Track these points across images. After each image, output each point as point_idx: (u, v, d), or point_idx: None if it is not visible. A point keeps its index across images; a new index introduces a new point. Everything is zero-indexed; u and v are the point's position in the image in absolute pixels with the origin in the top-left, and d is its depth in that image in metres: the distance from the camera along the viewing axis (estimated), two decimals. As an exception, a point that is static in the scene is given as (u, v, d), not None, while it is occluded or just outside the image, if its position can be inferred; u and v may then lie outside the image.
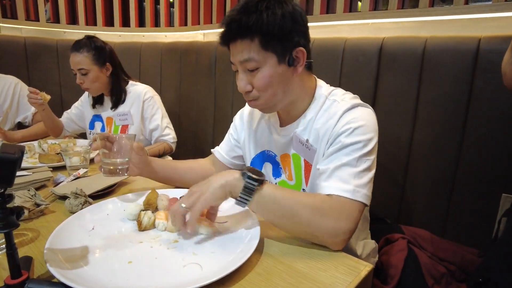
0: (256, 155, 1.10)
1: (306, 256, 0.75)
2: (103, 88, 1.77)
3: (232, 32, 0.87)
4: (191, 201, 0.76)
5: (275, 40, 0.85)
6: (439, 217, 1.30)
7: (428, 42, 1.26)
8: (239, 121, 1.18)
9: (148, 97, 1.79)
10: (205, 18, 2.41)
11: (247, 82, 0.90)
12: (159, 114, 1.81)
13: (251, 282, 0.66)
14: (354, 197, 0.79)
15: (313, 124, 0.94)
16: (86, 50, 1.66)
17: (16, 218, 0.59)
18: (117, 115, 1.80)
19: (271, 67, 0.87)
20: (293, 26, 0.87)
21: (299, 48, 0.89)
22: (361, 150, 0.84)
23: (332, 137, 0.88)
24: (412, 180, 1.36)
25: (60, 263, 0.67)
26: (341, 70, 1.48)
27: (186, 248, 0.76)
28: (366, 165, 0.84)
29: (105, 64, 1.71)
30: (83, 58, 1.66)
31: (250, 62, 0.87)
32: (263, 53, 0.86)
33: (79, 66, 1.66)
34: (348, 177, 0.81)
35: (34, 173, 1.19)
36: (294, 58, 0.89)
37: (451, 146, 1.24)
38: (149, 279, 0.65)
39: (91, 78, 1.68)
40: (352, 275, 0.69)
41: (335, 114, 0.89)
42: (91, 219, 0.87)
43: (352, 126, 0.85)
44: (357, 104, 0.90)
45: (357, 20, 1.60)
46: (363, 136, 0.85)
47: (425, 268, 1.09)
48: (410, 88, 1.31)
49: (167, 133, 1.81)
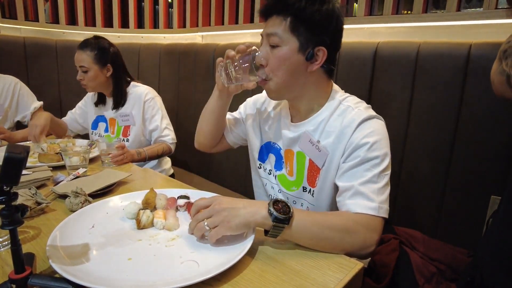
0: (264, 144, 1.15)
1: (299, 255, 0.78)
2: (101, 87, 1.80)
3: (272, 6, 0.94)
4: (214, 223, 0.76)
5: (304, 27, 0.90)
6: (431, 218, 1.33)
7: (421, 47, 1.29)
8: (252, 105, 1.22)
9: (149, 98, 1.83)
10: (204, 20, 2.44)
11: (264, 56, 0.94)
12: (159, 115, 1.84)
13: (246, 279, 0.69)
14: (378, 214, 0.85)
15: (325, 126, 0.97)
16: (90, 50, 1.73)
17: (20, 216, 0.61)
18: (120, 116, 1.84)
19: (290, 51, 0.91)
20: (325, 24, 0.91)
21: (322, 47, 0.92)
22: (379, 165, 0.88)
23: (349, 148, 0.91)
24: (405, 182, 1.39)
25: (62, 259, 0.69)
26: (336, 73, 1.51)
27: (183, 246, 0.79)
28: (385, 180, 0.88)
29: (106, 65, 1.76)
30: (85, 57, 1.72)
31: (275, 37, 0.91)
32: (288, 34, 0.91)
33: (81, 64, 1.72)
34: (371, 194, 0.85)
35: (34, 172, 1.21)
36: (314, 54, 0.92)
37: (442, 149, 1.27)
38: (147, 275, 0.67)
39: (90, 76, 1.73)
40: (343, 273, 0.72)
41: (352, 122, 0.92)
42: (91, 217, 0.90)
43: (371, 140, 0.88)
44: (373, 116, 0.94)
45: (352, 24, 1.63)
46: (380, 151, 0.89)
47: (416, 267, 1.11)
48: (404, 92, 1.34)
49: (166, 134, 1.84)
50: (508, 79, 0.66)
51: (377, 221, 0.86)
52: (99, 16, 2.68)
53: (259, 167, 1.17)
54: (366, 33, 1.62)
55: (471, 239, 1.21)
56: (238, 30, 2.20)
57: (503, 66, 0.68)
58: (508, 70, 0.65)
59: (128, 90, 1.85)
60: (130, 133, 1.84)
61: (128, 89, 1.85)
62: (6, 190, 0.58)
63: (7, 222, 0.59)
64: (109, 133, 1.89)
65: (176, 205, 0.95)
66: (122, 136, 1.85)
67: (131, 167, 1.42)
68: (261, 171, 1.17)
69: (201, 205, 0.80)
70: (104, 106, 1.89)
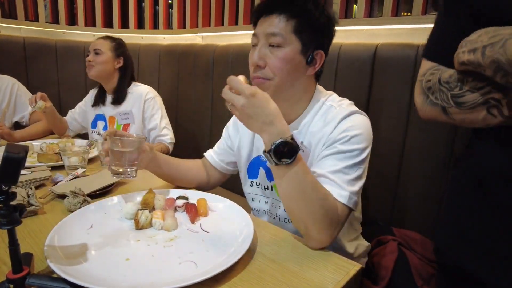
0: (253, 159, 1.12)
1: (297, 256, 0.78)
2: (105, 76, 1.83)
3: (275, 3, 0.91)
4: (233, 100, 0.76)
5: (307, 30, 0.90)
6: (430, 220, 1.33)
7: (420, 49, 1.29)
8: (233, 128, 1.19)
9: (150, 97, 1.85)
10: (204, 21, 2.44)
11: (261, 57, 0.91)
12: (159, 114, 1.85)
13: (244, 280, 0.69)
14: (347, 203, 0.83)
15: (309, 128, 0.97)
16: (110, 40, 1.84)
17: (18, 215, 0.61)
18: (119, 114, 1.85)
19: (293, 51, 0.90)
20: (326, 28, 0.93)
21: (321, 50, 0.93)
22: (354, 158, 0.87)
23: (328, 142, 0.91)
24: (404, 183, 1.39)
25: (60, 259, 0.69)
26: (335, 74, 1.51)
27: (181, 246, 0.79)
28: (357, 173, 0.87)
29: (119, 57, 1.83)
30: (104, 43, 1.82)
31: (277, 37, 0.89)
32: (292, 36, 0.90)
33: (96, 47, 1.79)
34: (342, 183, 0.84)
35: (33, 172, 1.21)
36: (313, 57, 0.93)
37: (442, 151, 1.27)
38: (146, 275, 0.67)
39: (101, 59, 1.78)
40: (341, 274, 0.72)
41: (332, 120, 0.92)
42: (90, 217, 0.90)
43: (349, 134, 0.88)
44: (354, 111, 0.93)
45: (352, 26, 1.63)
46: (358, 145, 0.88)
47: (414, 269, 1.12)
48: (403, 94, 1.34)
49: (164, 134, 1.85)
50: (444, 110, 0.69)
51: (344, 210, 0.84)
52: (99, 16, 2.68)
53: (251, 184, 1.14)
54: (365, 34, 1.62)
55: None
56: (238, 31, 2.21)
57: (433, 99, 0.70)
58: (443, 103, 0.68)
59: (129, 89, 1.88)
60: (130, 131, 1.85)
61: (130, 88, 1.88)
62: (5, 189, 0.58)
63: (5, 222, 0.59)
64: None
65: (174, 206, 0.95)
66: None
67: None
68: (253, 188, 1.14)
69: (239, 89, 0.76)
70: (103, 104, 1.91)
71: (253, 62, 0.92)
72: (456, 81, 0.65)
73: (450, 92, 0.67)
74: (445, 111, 0.69)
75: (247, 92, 0.74)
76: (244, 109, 0.75)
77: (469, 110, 0.64)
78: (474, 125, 0.68)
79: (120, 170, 0.95)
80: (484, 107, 0.63)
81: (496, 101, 0.61)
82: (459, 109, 0.66)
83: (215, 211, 0.96)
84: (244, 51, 1.90)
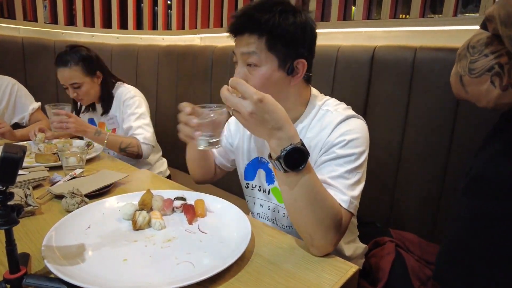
0: (250, 162, 1.12)
1: (295, 257, 0.78)
2: (97, 95, 1.78)
3: (243, 24, 0.90)
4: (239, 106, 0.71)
5: (281, 44, 0.88)
6: (427, 222, 1.33)
7: (418, 52, 1.30)
8: (235, 126, 1.19)
9: (128, 97, 1.76)
10: (203, 22, 2.44)
11: (242, 77, 0.91)
12: (136, 115, 1.74)
13: (241, 281, 0.69)
14: (348, 208, 0.83)
15: (306, 133, 0.97)
16: (74, 63, 1.64)
17: (16, 216, 0.61)
18: (107, 120, 1.84)
19: (270, 69, 0.89)
20: (301, 36, 0.90)
21: (301, 59, 0.91)
22: (353, 163, 0.87)
23: (325, 146, 0.90)
24: (401, 185, 1.39)
25: (57, 260, 0.69)
26: (334, 76, 1.51)
27: (179, 247, 0.78)
28: (357, 177, 0.87)
29: (96, 73, 1.71)
30: (73, 73, 1.64)
31: (252, 56, 0.88)
32: (266, 53, 0.88)
33: (71, 81, 1.65)
34: (343, 188, 0.84)
35: (31, 172, 1.21)
36: (294, 68, 0.91)
37: (440, 152, 1.27)
38: (143, 276, 0.67)
39: (85, 90, 1.68)
40: (338, 275, 0.72)
41: (328, 125, 0.92)
42: (87, 218, 0.89)
43: (347, 138, 0.88)
44: (351, 116, 0.93)
45: (350, 28, 1.64)
46: (356, 149, 0.88)
47: (412, 271, 1.12)
48: (401, 96, 1.35)
49: (138, 133, 1.70)
50: (460, 79, 0.70)
51: (346, 215, 0.83)
52: (98, 17, 2.68)
53: (246, 186, 1.14)
54: (364, 36, 1.63)
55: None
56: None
57: (457, 68, 0.72)
58: (461, 71, 0.70)
59: (114, 91, 1.81)
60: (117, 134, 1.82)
61: (114, 90, 1.81)
62: (2, 189, 0.58)
63: (3, 222, 0.59)
64: None
65: (172, 207, 0.95)
66: None
67: (129, 168, 1.41)
68: (248, 190, 1.14)
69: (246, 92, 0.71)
70: (93, 110, 1.88)
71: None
72: (481, 45, 0.66)
73: (470, 57, 0.67)
74: (461, 81, 0.70)
75: (255, 98, 0.69)
76: (253, 116, 0.70)
77: (476, 78, 0.66)
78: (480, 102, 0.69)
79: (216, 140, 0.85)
80: (489, 75, 0.64)
81: (500, 67, 0.63)
82: (470, 77, 0.67)
83: (212, 212, 0.96)
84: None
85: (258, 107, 0.70)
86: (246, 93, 0.70)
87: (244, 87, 0.71)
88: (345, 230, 0.83)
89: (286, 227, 1.05)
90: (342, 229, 0.82)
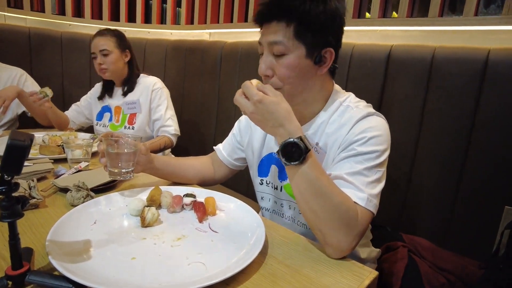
0: (265, 157, 1.08)
1: (311, 260, 0.75)
2: (118, 73, 1.83)
3: (272, 11, 0.87)
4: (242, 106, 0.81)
5: (309, 32, 0.85)
6: (440, 227, 1.30)
7: (436, 52, 1.26)
8: (246, 123, 1.16)
9: (157, 88, 1.86)
10: (212, 18, 2.41)
11: (268, 66, 0.88)
12: (164, 105, 1.85)
13: (256, 284, 0.65)
14: (366, 206, 0.79)
15: (325, 128, 0.93)
16: (110, 35, 1.79)
17: (21, 208, 0.58)
18: (126, 104, 1.85)
19: (298, 57, 0.86)
20: (330, 24, 0.87)
21: (329, 48, 0.88)
22: (374, 160, 0.83)
23: (345, 143, 0.87)
24: (414, 188, 1.35)
25: (62, 256, 0.65)
26: (348, 74, 1.48)
27: (190, 246, 0.75)
28: (377, 176, 0.83)
29: (125, 51, 1.83)
30: (107, 41, 1.77)
31: (279, 45, 0.86)
32: (294, 41, 0.85)
33: (102, 47, 1.75)
34: (360, 185, 0.81)
35: (35, 164, 1.17)
36: (322, 56, 0.88)
37: (455, 156, 1.23)
38: (153, 276, 0.64)
39: (112, 59, 1.77)
40: (357, 281, 0.69)
41: (348, 121, 0.89)
42: (93, 213, 0.86)
43: (368, 135, 0.85)
44: (372, 113, 0.90)
45: (365, 26, 1.60)
46: (377, 147, 0.84)
47: (425, 277, 1.08)
48: (417, 96, 1.31)
49: (168, 124, 1.83)
50: None
51: (364, 214, 0.79)
52: (106, 9, 2.64)
53: (260, 183, 1.10)
54: (379, 35, 1.59)
55: (482, 251, 1.17)
56: (247, 28, 2.17)
57: None
58: None
59: (138, 80, 1.89)
60: (136, 121, 1.84)
61: (138, 79, 1.89)
62: (7, 179, 0.54)
63: (6, 214, 0.55)
64: (113, 121, 1.89)
65: (182, 204, 0.92)
66: (127, 123, 1.85)
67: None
68: (263, 187, 1.10)
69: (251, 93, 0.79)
70: (110, 96, 1.91)
71: (261, 73, 0.90)
72: None
73: None
74: None
75: (255, 99, 0.77)
76: (253, 115, 0.79)
77: None
78: None
79: (115, 171, 0.96)
80: None
81: None
82: None
83: (223, 211, 0.92)
84: (253, 49, 1.87)
85: (257, 107, 0.78)
86: (248, 94, 0.79)
87: (247, 89, 0.79)
88: (365, 230, 0.79)
89: (302, 224, 1.02)
90: (359, 228, 0.77)
